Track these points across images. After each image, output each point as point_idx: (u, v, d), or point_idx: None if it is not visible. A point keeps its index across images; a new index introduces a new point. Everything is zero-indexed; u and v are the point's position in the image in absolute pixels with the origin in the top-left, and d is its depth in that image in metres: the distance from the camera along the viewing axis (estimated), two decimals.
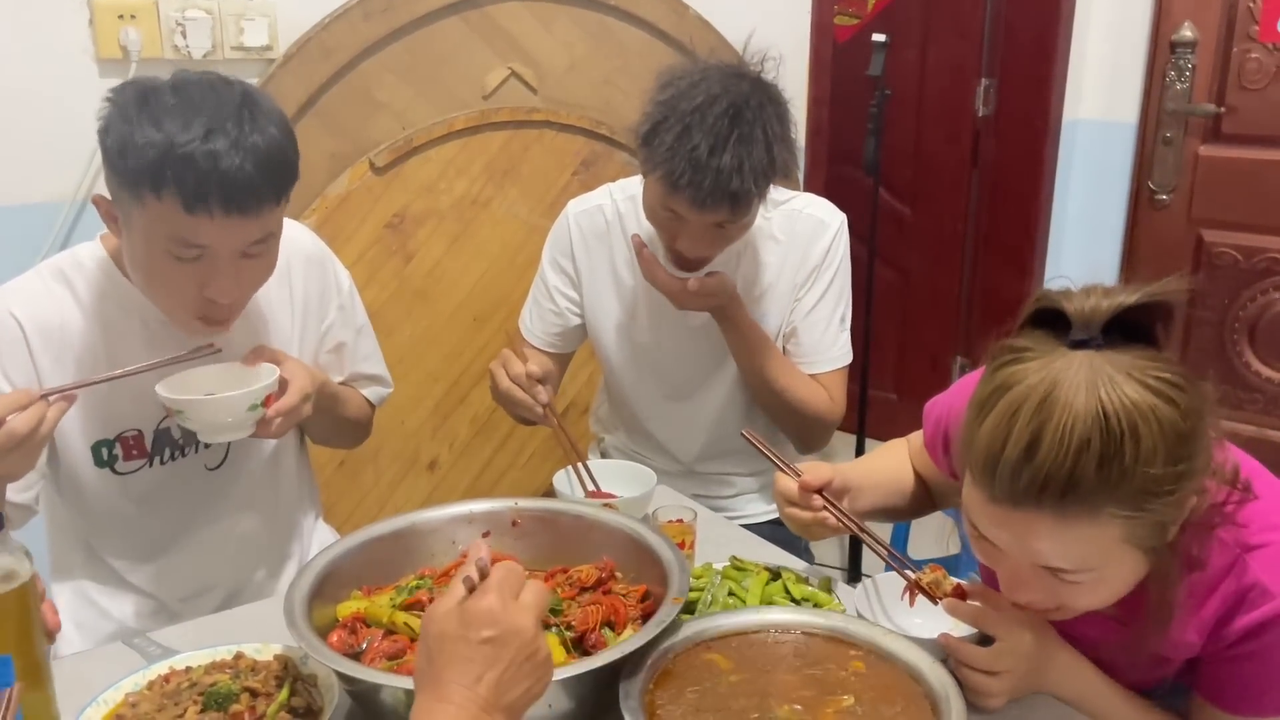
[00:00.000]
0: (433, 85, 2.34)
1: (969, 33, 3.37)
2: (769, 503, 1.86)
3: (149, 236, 1.22)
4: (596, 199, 1.81)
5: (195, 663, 1.13)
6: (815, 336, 1.75)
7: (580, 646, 1.12)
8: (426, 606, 0.98)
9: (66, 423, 1.35)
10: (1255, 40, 2.94)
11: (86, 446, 1.38)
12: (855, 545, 2.91)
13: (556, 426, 1.58)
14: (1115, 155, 3.26)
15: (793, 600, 1.26)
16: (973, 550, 1.06)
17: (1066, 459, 0.89)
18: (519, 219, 2.51)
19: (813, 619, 1.16)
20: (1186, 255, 3.16)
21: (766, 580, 1.30)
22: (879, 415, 3.17)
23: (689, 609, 1.23)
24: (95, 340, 1.35)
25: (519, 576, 0.88)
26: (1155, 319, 0.95)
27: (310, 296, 1.52)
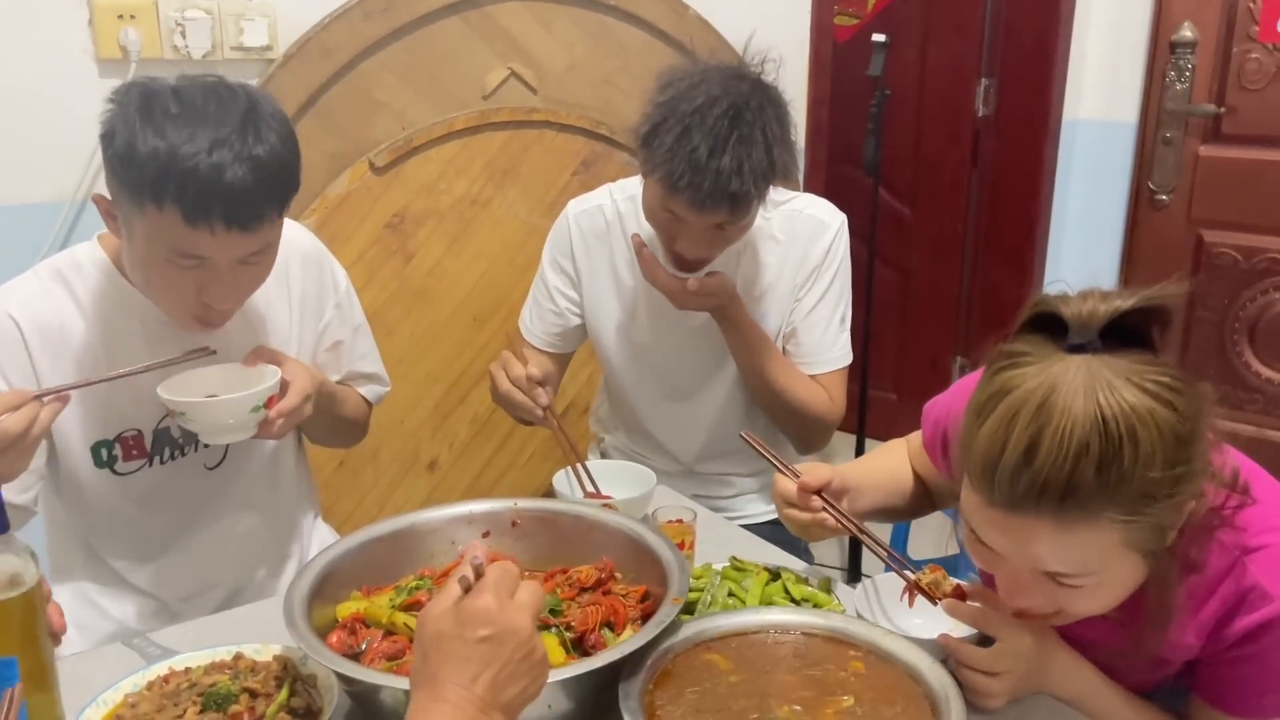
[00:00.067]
0: (433, 85, 2.34)
1: (969, 33, 3.36)
2: (769, 503, 1.86)
3: (149, 242, 1.22)
4: (596, 199, 1.81)
5: (195, 663, 1.13)
6: (815, 337, 1.75)
7: (580, 647, 1.12)
8: None
9: (66, 424, 1.35)
10: (1255, 40, 2.94)
11: (86, 447, 1.38)
12: (855, 546, 2.91)
13: (556, 428, 1.58)
14: (1115, 155, 3.25)
15: (792, 601, 1.26)
16: (970, 556, 1.06)
17: (1065, 463, 0.89)
18: (519, 219, 2.51)
19: (812, 619, 1.15)
20: (1186, 255, 3.16)
21: (766, 581, 1.30)
22: (879, 415, 3.17)
23: (689, 609, 1.23)
24: (94, 341, 1.35)
25: (514, 576, 0.88)
26: (1153, 323, 0.95)
27: (308, 295, 1.52)
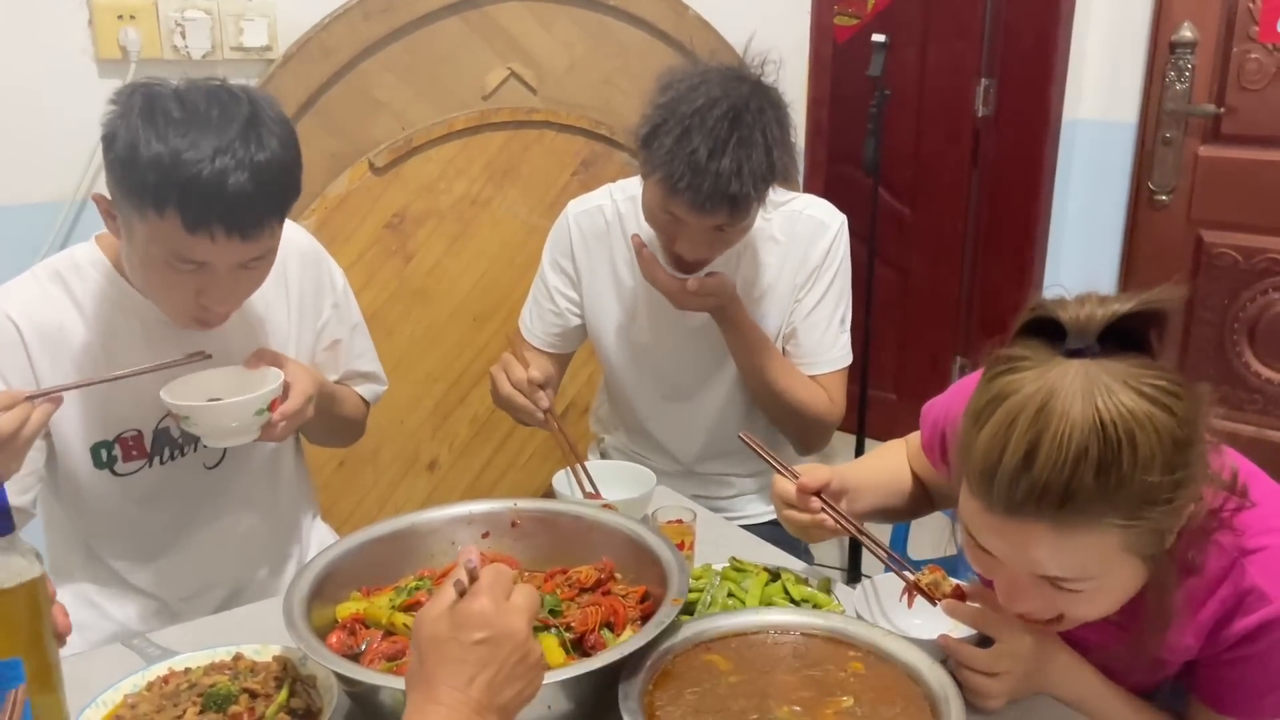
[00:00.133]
0: (433, 85, 2.34)
1: (969, 33, 3.36)
2: (768, 503, 1.85)
3: (148, 246, 1.22)
4: (596, 199, 1.81)
5: (194, 664, 1.13)
6: (815, 338, 1.75)
7: (580, 647, 1.12)
8: None
9: (65, 425, 1.35)
10: (1255, 40, 2.94)
11: (86, 448, 1.38)
12: (854, 546, 2.91)
13: (557, 431, 1.58)
14: (1115, 155, 3.25)
15: (792, 601, 1.26)
16: (969, 561, 1.06)
17: (1064, 468, 0.89)
18: (519, 219, 2.51)
19: (812, 620, 1.16)
20: (1186, 255, 3.16)
21: (766, 581, 1.30)
22: (879, 416, 3.17)
23: (688, 610, 1.23)
24: (94, 342, 1.35)
25: (509, 578, 0.89)
26: (1151, 326, 0.95)
27: (306, 294, 1.52)
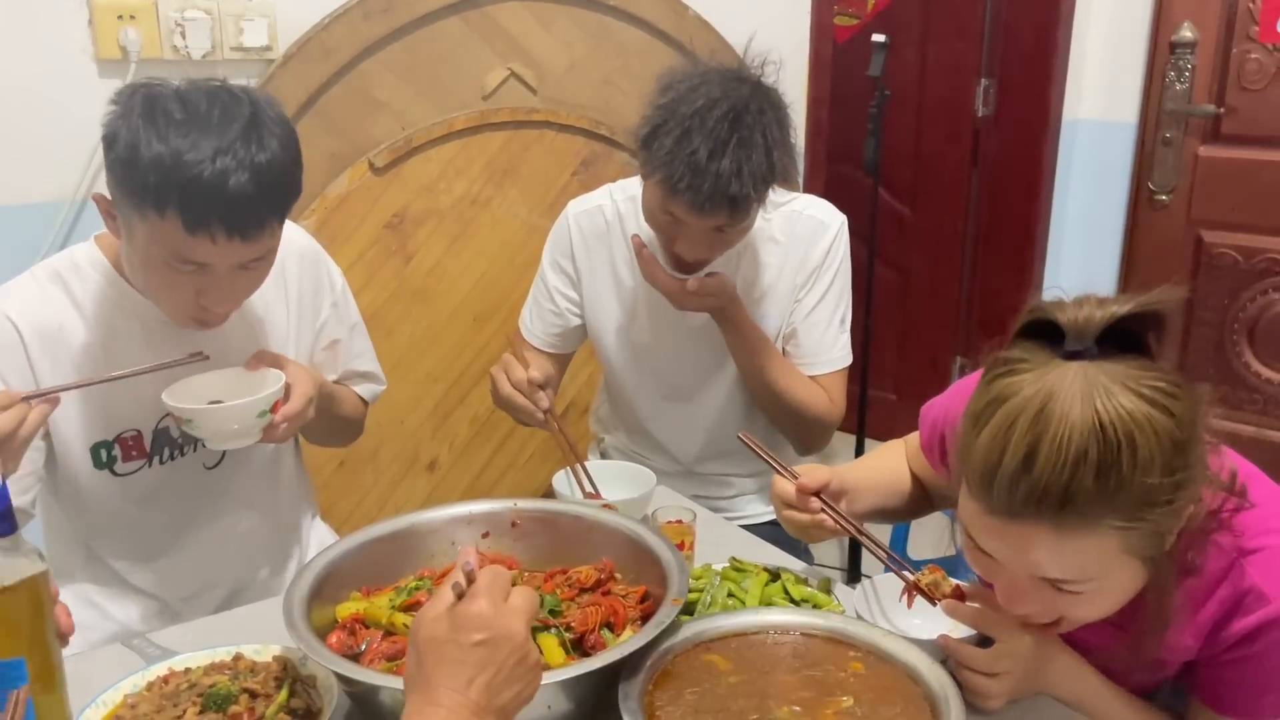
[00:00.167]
0: (433, 85, 2.34)
1: (969, 33, 3.36)
2: (768, 504, 1.85)
3: (148, 246, 1.22)
4: (596, 199, 1.81)
5: (194, 664, 1.13)
6: (815, 338, 1.75)
7: (579, 648, 1.12)
8: None
9: (65, 425, 1.35)
10: (1255, 41, 2.94)
11: (85, 448, 1.38)
12: (854, 546, 2.91)
13: (557, 431, 1.58)
14: (1115, 155, 3.25)
15: (792, 601, 1.26)
16: (969, 563, 1.06)
17: (1064, 470, 0.89)
18: (519, 219, 2.51)
19: (812, 620, 1.16)
20: (1186, 256, 3.16)
21: (766, 581, 1.30)
22: (879, 416, 3.17)
23: (688, 610, 1.23)
24: (94, 343, 1.35)
25: (507, 580, 0.89)
26: (1149, 328, 0.95)
27: (305, 294, 1.52)
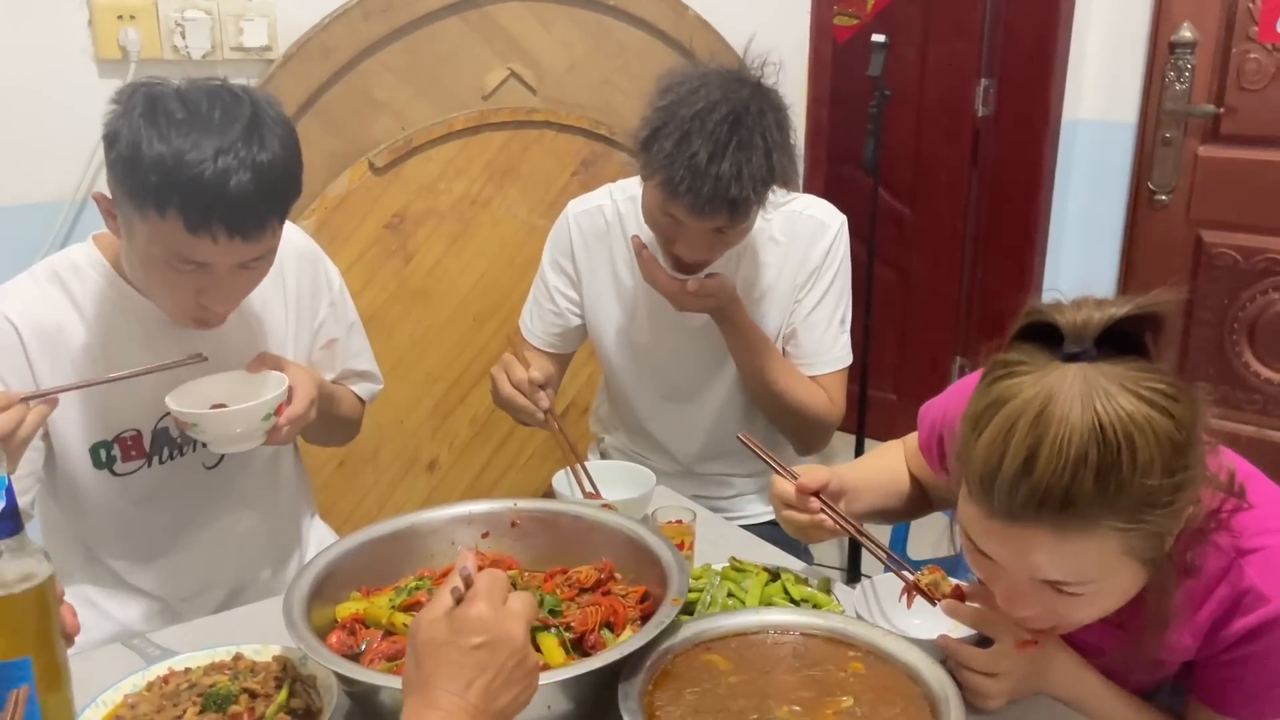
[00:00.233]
0: (432, 85, 2.34)
1: (969, 33, 3.37)
2: (768, 504, 1.85)
3: (149, 246, 1.22)
4: (596, 199, 1.81)
5: (194, 664, 1.13)
6: (815, 338, 1.75)
7: (579, 648, 1.12)
8: None
9: (64, 425, 1.35)
10: (1255, 41, 2.94)
11: (85, 449, 1.38)
12: (854, 546, 2.91)
13: (557, 431, 1.58)
14: (1115, 155, 3.26)
15: (792, 601, 1.26)
16: (969, 566, 1.06)
17: (1064, 472, 0.89)
18: (519, 219, 2.51)
19: (812, 620, 1.16)
20: (1186, 255, 3.17)
21: (765, 581, 1.30)
22: (878, 416, 3.18)
23: (688, 610, 1.23)
24: (94, 343, 1.35)
25: (506, 583, 0.89)
26: (1147, 329, 0.95)
27: (303, 294, 1.53)
